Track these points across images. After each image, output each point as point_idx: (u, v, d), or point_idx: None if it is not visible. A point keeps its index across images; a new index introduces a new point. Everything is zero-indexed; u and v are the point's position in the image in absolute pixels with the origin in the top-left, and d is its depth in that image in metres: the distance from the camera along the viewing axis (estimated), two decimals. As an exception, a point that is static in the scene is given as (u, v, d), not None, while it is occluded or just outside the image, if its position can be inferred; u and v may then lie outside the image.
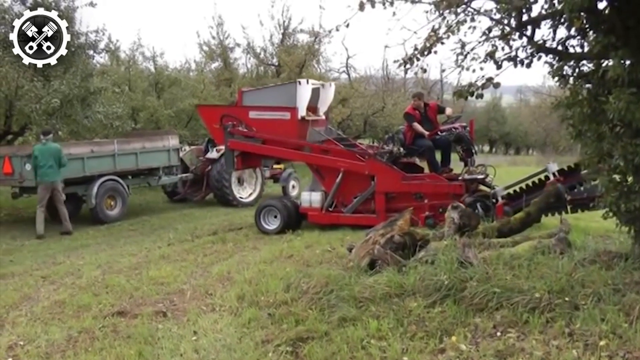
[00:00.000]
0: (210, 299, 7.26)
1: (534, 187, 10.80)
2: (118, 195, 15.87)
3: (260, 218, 12.29)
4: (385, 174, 11.72)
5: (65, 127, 16.35)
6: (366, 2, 6.47)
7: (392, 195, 11.71)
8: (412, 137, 12.31)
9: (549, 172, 10.59)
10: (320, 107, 13.56)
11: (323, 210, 12.14)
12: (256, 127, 12.54)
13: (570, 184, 10.42)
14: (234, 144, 12.58)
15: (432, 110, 12.66)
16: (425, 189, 11.51)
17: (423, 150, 12.16)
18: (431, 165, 12.17)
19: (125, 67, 26.51)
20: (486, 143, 67.70)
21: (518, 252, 6.92)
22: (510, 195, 10.97)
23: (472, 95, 7.04)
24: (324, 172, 12.35)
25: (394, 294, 6.21)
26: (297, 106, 12.38)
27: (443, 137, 12.15)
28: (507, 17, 6.89)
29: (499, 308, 5.67)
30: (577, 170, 10.31)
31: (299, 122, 12.45)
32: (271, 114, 12.63)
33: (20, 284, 8.88)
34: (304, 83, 12.88)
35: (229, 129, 12.51)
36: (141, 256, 10.42)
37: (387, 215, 11.12)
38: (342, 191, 12.09)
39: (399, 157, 12.18)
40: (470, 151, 12.05)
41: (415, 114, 12.44)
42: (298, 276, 7.25)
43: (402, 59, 7.30)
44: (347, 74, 35.28)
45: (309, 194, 12.43)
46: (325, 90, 13.79)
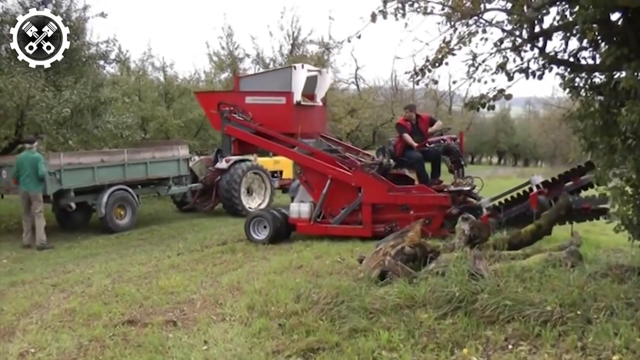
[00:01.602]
0: (220, 308, 7.25)
1: (519, 199, 10.80)
2: (128, 204, 15.90)
3: (249, 228, 12.34)
4: (372, 186, 11.71)
5: (75, 136, 16.42)
6: (378, 14, 6.49)
7: (379, 206, 11.72)
8: (403, 149, 12.35)
9: (533, 184, 10.57)
10: (318, 94, 13.64)
11: (311, 221, 12.16)
12: (252, 112, 12.57)
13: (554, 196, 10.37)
14: (230, 130, 12.58)
15: (424, 122, 12.64)
16: (411, 200, 11.53)
17: (413, 162, 12.21)
18: (420, 176, 12.20)
19: (136, 77, 26.68)
20: (495, 154, 67.69)
21: (529, 265, 6.89)
22: (496, 207, 10.95)
23: (483, 107, 7.03)
24: (312, 183, 12.35)
25: (404, 305, 6.19)
26: (293, 91, 12.44)
27: (432, 149, 12.18)
28: (519, 28, 6.89)
29: (510, 321, 5.64)
30: (561, 182, 10.44)
31: (294, 107, 12.51)
32: (267, 98, 12.71)
33: (31, 291, 8.91)
34: (299, 68, 12.94)
35: (225, 114, 12.53)
36: (151, 265, 10.42)
37: (374, 227, 11.44)
38: (330, 202, 12.10)
39: (388, 169, 12.24)
40: (459, 163, 12.08)
41: (406, 125, 12.49)
42: (308, 287, 7.26)
43: (413, 70, 7.32)
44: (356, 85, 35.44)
45: (297, 205, 12.45)
46: (323, 77, 13.91)
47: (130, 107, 20.70)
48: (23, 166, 13.79)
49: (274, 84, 12.83)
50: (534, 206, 10.15)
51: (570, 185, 10.38)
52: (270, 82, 13.02)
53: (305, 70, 13.09)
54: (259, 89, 12.87)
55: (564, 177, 10.55)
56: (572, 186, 10.33)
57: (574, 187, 10.30)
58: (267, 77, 13.51)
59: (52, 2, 17.18)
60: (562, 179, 10.53)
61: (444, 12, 6.96)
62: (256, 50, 29.91)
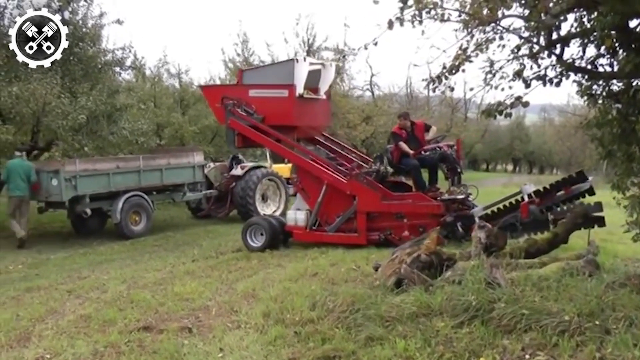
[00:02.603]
0: (235, 315, 7.23)
1: (510, 209, 10.80)
2: (143, 210, 15.96)
3: (246, 235, 12.43)
4: (366, 194, 11.81)
5: (91, 143, 16.50)
6: (395, 21, 6.45)
7: (373, 214, 11.80)
8: (399, 157, 12.40)
9: (524, 193, 10.59)
10: (321, 87, 13.67)
11: (307, 228, 12.25)
12: (256, 105, 12.64)
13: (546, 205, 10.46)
14: (234, 123, 12.63)
15: (419, 129, 12.71)
16: (405, 208, 11.60)
17: (409, 169, 12.26)
18: (417, 184, 12.22)
19: (151, 83, 26.76)
20: (510, 162, 67.42)
21: (546, 274, 6.83)
22: (488, 216, 10.94)
23: (500, 114, 7.01)
24: (309, 190, 12.46)
25: (421, 313, 6.15)
26: (295, 83, 12.47)
27: (429, 156, 12.23)
28: (536, 35, 6.86)
29: (527, 330, 5.58)
30: (553, 192, 10.44)
31: (297, 100, 12.55)
32: (269, 91, 12.76)
33: (46, 297, 8.94)
34: (302, 61, 13.05)
35: (229, 108, 12.62)
36: (166, 272, 10.44)
37: (369, 235, 11.56)
38: (326, 210, 12.20)
39: (385, 176, 12.38)
40: (455, 170, 12.06)
41: (401, 133, 12.52)
42: (324, 294, 7.22)
43: (430, 77, 7.30)
44: (371, 92, 35.37)
45: (294, 213, 12.57)
46: (327, 70, 13.89)
47: (145, 114, 20.78)
48: (16, 173, 14.27)
49: (276, 77, 12.88)
50: (525, 215, 10.24)
51: (562, 195, 10.41)
52: (273, 75, 13.08)
53: (308, 63, 13.15)
54: (262, 82, 12.94)
55: (556, 186, 10.55)
56: (564, 196, 10.36)
57: (565, 197, 10.33)
58: (270, 70, 13.57)
59: (68, 9, 17.30)
60: (553, 189, 10.53)
61: (461, 19, 6.94)
62: (271, 57, 29.98)
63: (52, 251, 13.87)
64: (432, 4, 6.54)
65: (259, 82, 12.95)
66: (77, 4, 17.36)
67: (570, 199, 10.27)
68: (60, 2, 16.93)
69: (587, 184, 10.25)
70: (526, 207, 10.29)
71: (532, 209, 10.22)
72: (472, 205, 11.45)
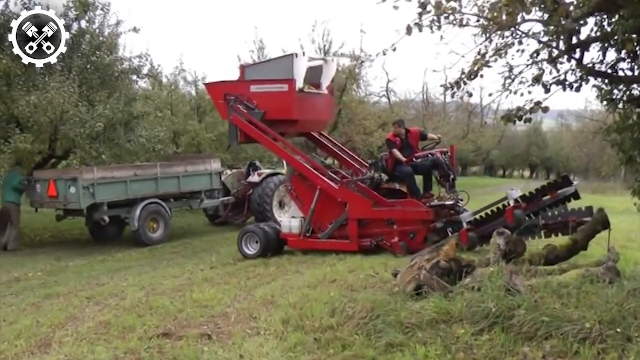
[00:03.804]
0: (254, 322, 7.21)
1: (498, 214, 10.90)
2: (160, 217, 16.01)
3: (241, 243, 12.56)
4: (356, 201, 11.93)
5: (108, 150, 16.57)
6: (413, 27, 6.44)
7: (365, 221, 11.90)
8: (394, 164, 12.51)
9: (510, 198, 10.68)
10: (323, 82, 13.76)
11: (301, 235, 12.38)
12: (257, 101, 12.69)
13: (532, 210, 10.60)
14: (235, 119, 12.75)
15: (414, 137, 12.87)
16: (395, 215, 11.70)
17: (403, 176, 12.39)
18: (410, 190, 12.34)
19: (168, 91, 26.82)
20: (527, 168, 67.07)
21: (566, 280, 6.78)
22: (477, 221, 11.06)
23: (520, 120, 6.98)
24: (302, 198, 12.64)
25: (440, 320, 6.12)
26: (295, 78, 12.54)
27: (422, 163, 12.33)
28: (555, 39, 6.82)
29: (548, 337, 5.53)
30: (539, 196, 10.64)
31: (297, 94, 12.63)
32: (270, 86, 12.81)
33: (65, 304, 8.98)
34: (300, 55, 13.14)
35: (231, 103, 12.72)
36: (184, 278, 10.44)
37: (360, 241, 11.67)
38: (319, 217, 12.33)
39: (380, 183, 12.48)
40: (448, 176, 12.10)
41: (395, 141, 12.67)
42: (343, 301, 7.20)
43: (448, 83, 7.28)
44: (387, 98, 35.22)
45: (289, 220, 12.76)
46: (328, 66, 14.01)
47: (162, 121, 20.84)
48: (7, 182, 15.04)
49: (276, 72, 12.91)
50: (510, 220, 10.33)
51: (548, 199, 10.56)
52: (273, 70, 13.09)
53: (307, 58, 13.27)
54: (262, 77, 13.00)
55: (541, 191, 10.72)
56: (550, 200, 10.52)
57: (551, 201, 10.50)
58: (270, 65, 13.62)
59: (85, 18, 17.42)
60: (539, 193, 10.70)
61: (480, 24, 6.92)
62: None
63: (71, 258, 13.93)
64: (451, 9, 6.52)
65: (259, 77, 13.03)
66: (93, 13, 17.46)
67: (557, 203, 10.48)
68: (77, 11, 17.05)
69: (572, 188, 10.49)
70: (511, 212, 10.43)
71: (517, 214, 10.34)
72: (462, 210, 11.50)
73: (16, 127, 15.52)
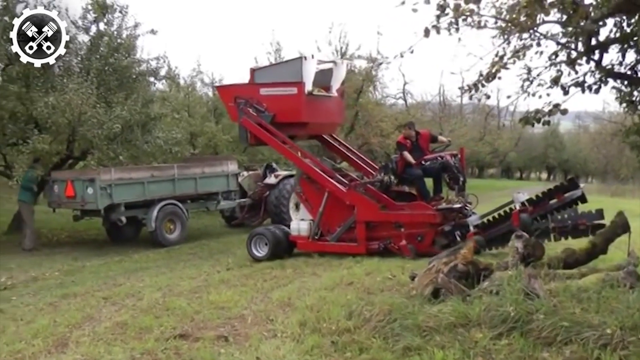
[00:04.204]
0: (271, 324, 7.20)
1: (505, 217, 10.91)
2: (177, 219, 16.05)
3: (251, 245, 12.64)
4: (364, 204, 12.00)
5: (125, 151, 16.65)
6: (431, 29, 6.41)
7: (373, 224, 11.95)
8: (404, 166, 12.56)
9: (516, 202, 10.73)
10: (333, 85, 13.81)
11: (310, 238, 12.44)
12: (267, 103, 12.79)
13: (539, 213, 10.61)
14: (245, 122, 12.83)
15: (424, 139, 12.88)
16: (402, 218, 11.74)
17: (413, 179, 12.42)
18: (420, 193, 12.36)
19: (185, 93, 26.92)
20: (544, 170, 66.70)
21: (585, 285, 6.69)
22: (485, 225, 11.08)
23: (538, 122, 6.94)
24: (311, 201, 12.71)
25: (458, 324, 6.06)
26: (304, 81, 12.58)
27: (432, 166, 12.37)
28: (574, 41, 6.77)
29: (568, 343, 5.45)
30: (545, 200, 10.65)
31: (306, 97, 12.67)
32: (279, 89, 12.89)
33: (83, 304, 9.02)
34: (309, 58, 13.15)
35: (241, 106, 12.81)
36: (201, 280, 10.46)
37: (368, 244, 11.73)
38: (328, 220, 12.39)
39: (390, 186, 12.48)
40: (457, 179, 12.14)
41: (405, 143, 12.73)
42: (360, 304, 7.16)
43: (466, 85, 7.24)
44: (404, 100, 35.21)
45: (297, 223, 12.84)
46: (338, 68, 14.05)
47: (179, 123, 20.94)
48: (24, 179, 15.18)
49: (285, 75, 12.99)
50: (516, 224, 10.35)
51: (555, 203, 10.56)
52: (282, 73, 13.18)
53: (315, 61, 13.30)
54: (272, 80, 13.06)
55: (548, 194, 10.72)
56: (557, 203, 10.54)
57: (558, 205, 10.51)
58: (279, 68, 13.71)
59: (103, 21, 17.51)
60: (545, 197, 10.69)
61: (498, 26, 6.88)
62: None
63: (88, 258, 14.00)
64: (469, 11, 6.48)
65: (269, 80, 13.09)
66: (112, 16, 17.58)
67: (564, 207, 10.50)
68: (95, 13, 17.16)
69: (579, 191, 10.46)
70: (517, 216, 10.47)
71: (523, 217, 10.37)
72: (471, 214, 11.49)
73: (35, 128, 15.65)
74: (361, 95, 27.60)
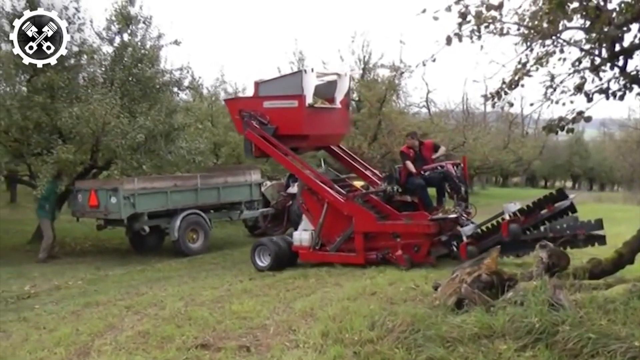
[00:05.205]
0: (293, 335, 7.14)
1: (498, 227, 10.88)
2: (200, 228, 16.11)
3: (254, 256, 12.80)
4: (361, 215, 12.06)
5: (149, 161, 16.74)
6: (453, 37, 6.37)
7: (372, 234, 12.00)
8: (406, 176, 12.59)
9: (507, 212, 10.80)
10: (337, 97, 13.88)
11: (311, 248, 12.54)
12: (270, 116, 12.95)
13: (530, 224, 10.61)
14: (249, 134, 12.98)
15: (427, 149, 12.96)
16: (398, 228, 11.77)
17: (414, 189, 12.46)
18: (423, 203, 12.41)
19: (208, 103, 27.03)
20: (569, 178, 66.13)
21: (612, 296, 6.57)
22: (478, 235, 11.04)
23: (562, 130, 6.85)
24: (312, 211, 12.79)
25: (482, 335, 5.97)
26: (304, 94, 12.70)
27: (434, 175, 12.42)
28: (598, 47, 6.69)
29: (594, 355, 5.33)
30: (536, 210, 10.60)
31: (307, 109, 12.81)
32: (281, 102, 13.05)
33: (105, 313, 9.05)
34: (309, 72, 13.31)
35: (246, 119, 12.96)
36: (223, 289, 10.45)
37: (366, 254, 11.81)
38: (328, 230, 12.45)
39: (392, 196, 12.55)
40: (459, 189, 12.17)
41: (409, 153, 12.80)
42: (383, 314, 7.09)
43: (489, 93, 7.18)
44: (427, 109, 35.14)
45: (300, 233, 12.91)
46: (342, 80, 14.11)
47: (202, 133, 21.01)
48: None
49: (287, 88, 13.13)
50: (505, 234, 10.45)
51: (546, 213, 10.52)
52: (284, 87, 13.31)
53: (315, 74, 13.39)
54: (274, 93, 13.22)
55: (538, 204, 10.67)
56: (547, 214, 10.50)
57: (549, 215, 10.48)
58: (281, 81, 13.81)
59: (127, 32, 17.66)
60: (536, 207, 10.65)
61: (520, 33, 6.82)
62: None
63: (111, 267, 14.11)
64: (491, 18, 6.43)
65: (272, 93, 13.26)
66: (136, 27, 17.74)
67: (555, 217, 10.46)
68: (119, 24, 17.30)
69: (567, 202, 10.46)
70: (506, 226, 10.52)
71: (512, 228, 10.43)
72: (467, 224, 11.49)
73: (59, 138, 15.79)
74: (384, 104, 27.54)
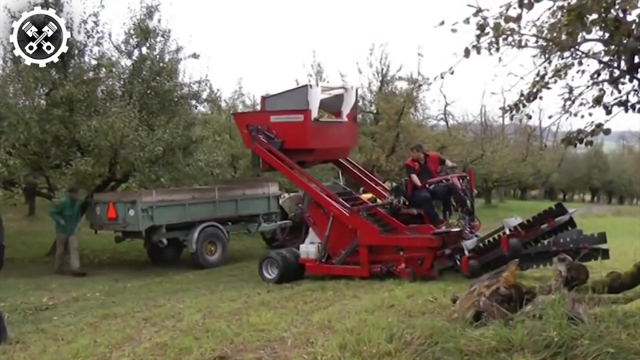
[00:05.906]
0: (311, 347, 7.11)
1: (496, 243, 10.94)
2: (218, 240, 16.16)
3: (262, 268, 13.00)
4: (365, 228, 12.15)
5: (167, 174, 16.84)
6: (472, 49, 6.36)
7: (376, 248, 12.07)
8: (412, 189, 12.63)
9: (506, 227, 10.84)
10: (344, 110, 14.01)
11: (317, 261, 12.62)
12: (276, 130, 13.12)
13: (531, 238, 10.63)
14: (256, 149, 13.14)
15: (432, 162, 13.05)
16: (401, 242, 11.87)
17: (420, 202, 12.48)
18: (429, 216, 12.41)
19: (226, 115, 27.13)
20: (588, 191, 65.70)
21: (632, 310, 6.51)
22: (480, 249, 11.05)
23: (581, 142, 6.81)
24: (319, 224, 12.87)
25: (501, 348, 5.93)
26: (310, 108, 12.84)
27: (439, 188, 12.44)
28: (617, 59, 6.65)
29: (614, 369, 5.32)
30: (536, 225, 10.62)
31: (312, 123, 12.97)
32: (287, 117, 13.23)
33: (123, 325, 9.06)
34: (314, 86, 13.50)
35: (253, 133, 13.10)
36: (241, 302, 10.43)
37: (371, 267, 11.91)
38: (333, 243, 12.54)
39: (399, 209, 12.60)
40: (464, 202, 12.12)
41: (414, 166, 12.86)
42: (401, 327, 7.06)
43: (507, 105, 7.17)
44: (445, 121, 35.09)
45: (306, 246, 12.97)
46: (349, 94, 14.21)
47: (220, 146, 21.11)
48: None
49: (293, 103, 13.29)
50: (505, 249, 10.47)
51: (546, 227, 10.55)
52: (289, 101, 13.46)
53: (320, 89, 13.54)
54: (280, 108, 13.41)
55: (539, 219, 10.69)
56: (547, 228, 10.53)
57: (549, 229, 10.51)
58: (287, 96, 13.92)
59: (146, 45, 17.79)
60: (536, 221, 10.66)
61: (539, 45, 6.80)
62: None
63: (129, 279, 14.17)
64: (510, 30, 6.41)
65: (278, 108, 13.46)
66: (154, 40, 17.88)
67: (555, 231, 10.51)
68: (138, 38, 17.45)
69: (567, 216, 10.47)
70: (506, 241, 10.55)
71: (512, 242, 10.44)
72: (471, 237, 11.49)
73: (77, 151, 15.92)
74: (402, 116, 27.50)
